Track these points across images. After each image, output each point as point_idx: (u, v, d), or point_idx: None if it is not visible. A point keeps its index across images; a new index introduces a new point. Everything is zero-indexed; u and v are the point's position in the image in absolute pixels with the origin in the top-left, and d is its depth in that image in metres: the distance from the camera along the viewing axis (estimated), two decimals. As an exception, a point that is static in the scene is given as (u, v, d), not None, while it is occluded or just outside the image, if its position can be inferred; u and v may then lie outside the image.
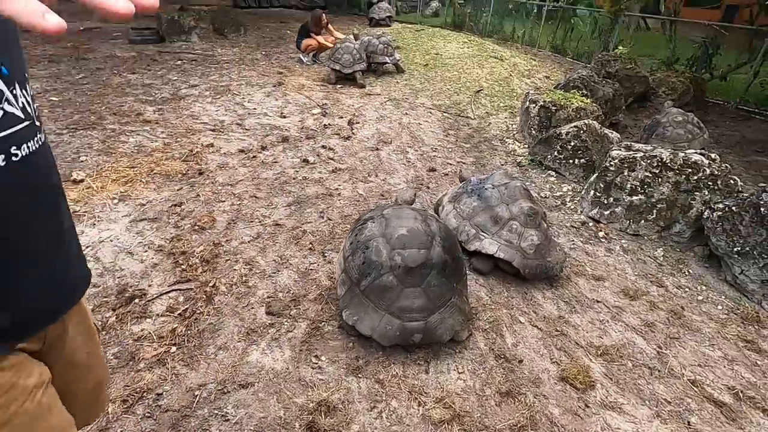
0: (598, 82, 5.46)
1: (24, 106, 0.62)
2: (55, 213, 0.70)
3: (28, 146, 0.61)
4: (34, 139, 0.63)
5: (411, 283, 1.89)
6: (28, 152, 0.61)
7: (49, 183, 0.69)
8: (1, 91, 0.57)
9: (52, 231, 0.69)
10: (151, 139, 3.76)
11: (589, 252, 2.90)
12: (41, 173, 0.66)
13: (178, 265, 2.34)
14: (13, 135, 0.59)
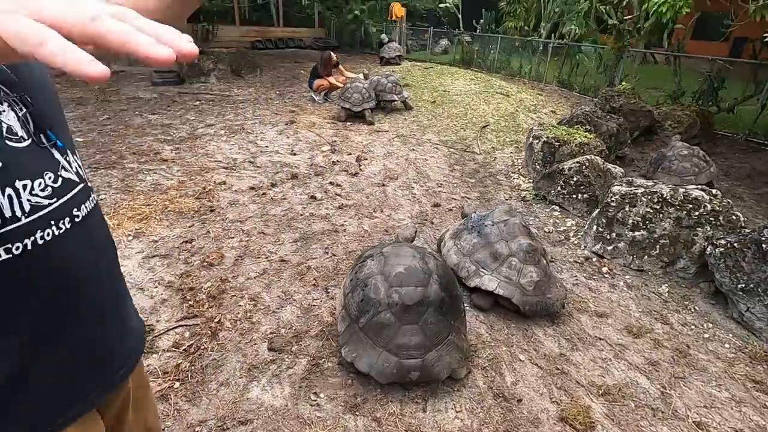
0: (602, 117, 5.56)
1: (77, 170, 0.67)
2: (112, 267, 0.74)
3: (85, 206, 0.66)
4: (89, 199, 0.68)
5: (408, 321, 1.93)
6: (86, 212, 0.66)
7: (105, 239, 0.73)
8: (58, 160, 0.62)
9: (111, 285, 0.73)
10: (167, 177, 3.95)
11: (592, 288, 2.90)
12: (99, 231, 0.71)
13: (185, 301, 2.42)
14: (72, 198, 0.63)
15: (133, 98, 6.66)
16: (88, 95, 6.56)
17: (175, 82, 7.91)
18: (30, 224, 0.56)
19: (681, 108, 6.88)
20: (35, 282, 0.58)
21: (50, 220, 0.59)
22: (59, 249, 0.60)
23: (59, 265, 0.60)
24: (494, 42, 12.95)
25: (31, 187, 0.56)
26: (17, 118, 0.57)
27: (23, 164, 0.56)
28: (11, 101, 0.56)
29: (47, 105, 0.63)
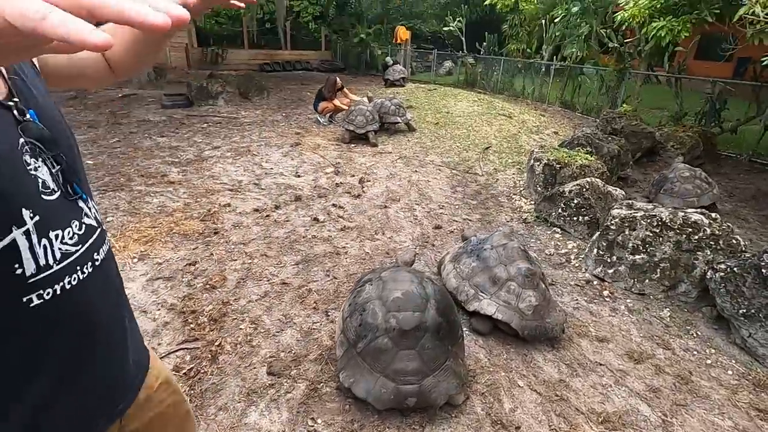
0: (603, 139, 5.61)
1: (95, 216, 0.72)
2: (121, 303, 0.79)
3: (102, 249, 0.71)
4: (105, 242, 0.73)
5: (405, 346, 1.94)
6: (103, 255, 0.71)
7: (115, 277, 0.78)
8: (82, 208, 0.68)
9: (120, 319, 0.78)
10: (173, 200, 4.03)
11: (593, 312, 2.89)
12: (112, 271, 0.76)
13: (187, 324, 2.45)
14: (92, 243, 0.68)
15: (142, 121, 6.84)
16: (99, 118, 6.75)
17: (184, 105, 8.11)
18: (60, 270, 0.61)
19: (683, 129, 6.92)
20: (61, 325, 0.62)
21: (76, 265, 0.64)
22: (82, 293, 0.65)
23: (82, 309, 0.66)
24: (497, 63, 13.18)
25: (62, 236, 0.62)
26: (50, 173, 0.62)
27: (55, 216, 0.61)
28: (45, 157, 0.61)
29: (73, 159, 0.68)
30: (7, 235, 0.54)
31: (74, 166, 0.68)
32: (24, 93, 0.63)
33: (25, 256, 0.56)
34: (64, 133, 0.68)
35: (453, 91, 10.99)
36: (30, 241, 0.56)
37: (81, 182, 0.69)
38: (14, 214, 0.55)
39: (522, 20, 14.46)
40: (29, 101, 0.63)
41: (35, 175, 0.59)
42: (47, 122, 0.64)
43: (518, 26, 14.60)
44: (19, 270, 0.56)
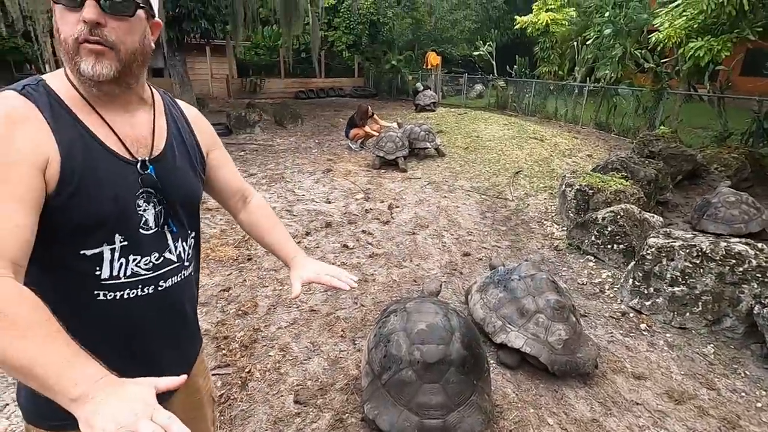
0: (639, 162, 5.45)
1: (179, 254, 0.92)
2: (175, 325, 0.97)
3: (171, 280, 0.91)
4: (178, 275, 0.93)
5: (429, 379, 1.94)
6: (170, 284, 0.91)
7: (180, 304, 0.97)
8: (168, 245, 0.90)
9: (170, 338, 0.96)
10: (210, 226, 4.23)
11: (629, 346, 2.77)
12: (178, 300, 0.96)
13: (219, 350, 2.55)
14: (162, 273, 0.89)
15: (185, 150, 7.25)
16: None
17: (224, 134, 8.54)
18: (124, 283, 0.84)
19: (728, 150, 6.62)
20: (115, 321, 0.85)
21: (139, 284, 0.85)
22: (136, 305, 0.86)
23: (133, 315, 0.86)
24: (529, 86, 13.13)
25: (138, 261, 0.85)
26: (153, 213, 0.86)
27: (142, 245, 0.85)
28: (154, 203, 0.86)
29: (180, 207, 0.92)
30: (98, 247, 0.79)
31: (177, 212, 0.91)
32: (166, 159, 0.90)
33: (105, 264, 0.81)
34: (182, 190, 0.92)
35: (483, 115, 11.01)
36: (112, 256, 0.81)
37: (181, 226, 0.92)
38: (109, 236, 0.80)
39: (553, 43, 14.40)
40: (167, 164, 0.89)
41: (142, 215, 0.84)
42: (166, 179, 0.87)
43: (550, 49, 14.54)
44: (98, 272, 0.81)
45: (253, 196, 1.21)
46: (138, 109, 0.88)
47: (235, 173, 1.15)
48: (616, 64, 9.72)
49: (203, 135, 1.04)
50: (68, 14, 0.74)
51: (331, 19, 16.84)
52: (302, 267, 1.14)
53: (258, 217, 1.18)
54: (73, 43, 0.74)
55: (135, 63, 0.81)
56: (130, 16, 0.78)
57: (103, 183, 0.78)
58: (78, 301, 0.81)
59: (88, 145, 0.78)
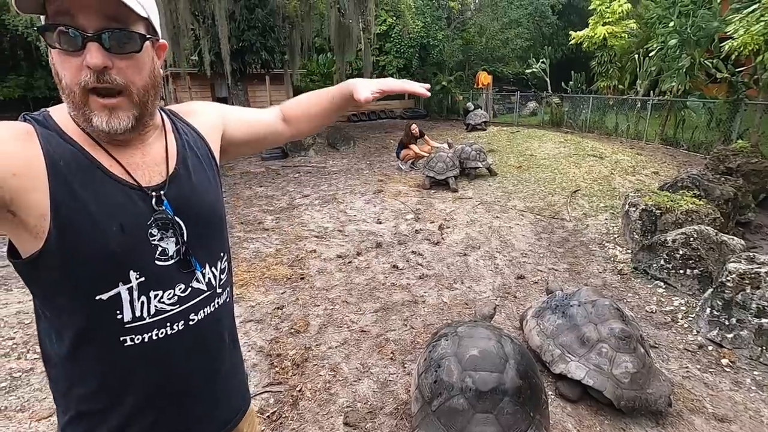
0: (714, 180, 5.01)
1: (209, 281, 0.83)
2: (214, 360, 0.87)
3: (204, 311, 0.82)
4: (211, 305, 0.83)
5: (482, 409, 1.85)
6: (203, 316, 0.81)
7: (216, 336, 0.86)
8: (194, 274, 0.80)
9: (209, 374, 0.86)
10: (266, 246, 4.40)
11: (708, 383, 2.49)
12: (212, 331, 0.85)
13: (273, 367, 2.61)
14: (192, 305, 0.79)
15: (245, 173, 7.68)
16: (211, 171, 7.72)
17: (280, 157, 8.97)
18: (150, 324, 0.74)
19: (820, 165, 5.91)
20: (145, 365, 0.76)
21: (167, 322, 0.76)
22: (166, 345, 0.77)
23: (163, 357, 0.78)
24: (585, 102, 12.65)
25: (161, 296, 0.75)
26: (174, 241, 0.77)
27: (161, 278, 0.75)
28: (171, 227, 0.77)
29: (204, 234, 0.83)
30: (113, 288, 0.70)
31: (202, 235, 0.82)
32: (181, 179, 0.81)
33: (125, 306, 0.72)
34: (203, 206, 0.84)
35: (537, 133, 10.71)
36: (131, 296, 0.72)
37: (208, 249, 0.83)
38: (123, 273, 0.71)
39: (612, 56, 13.83)
40: (183, 185, 0.81)
41: (156, 245, 0.75)
42: (184, 207, 0.79)
43: (608, 62, 13.96)
44: (120, 315, 0.72)
45: (286, 110, 1.09)
46: (150, 138, 0.80)
47: (256, 115, 1.06)
48: (683, 76, 9.11)
49: (211, 123, 0.95)
50: (69, 59, 0.66)
51: (382, 44, 17.34)
52: (366, 81, 1.00)
53: (301, 112, 1.08)
54: (81, 92, 0.66)
55: (149, 99, 0.74)
56: (138, 52, 0.70)
57: (106, 209, 0.70)
58: (105, 348, 0.73)
59: (86, 171, 0.70)
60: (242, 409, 0.98)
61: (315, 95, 1.08)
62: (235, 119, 1.00)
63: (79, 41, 0.64)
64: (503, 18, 18.62)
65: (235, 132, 0.98)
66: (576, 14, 21.28)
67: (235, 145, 1.00)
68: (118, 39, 0.67)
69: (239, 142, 1.00)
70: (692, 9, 8.89)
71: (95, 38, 0.65)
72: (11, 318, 3.08)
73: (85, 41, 0.64)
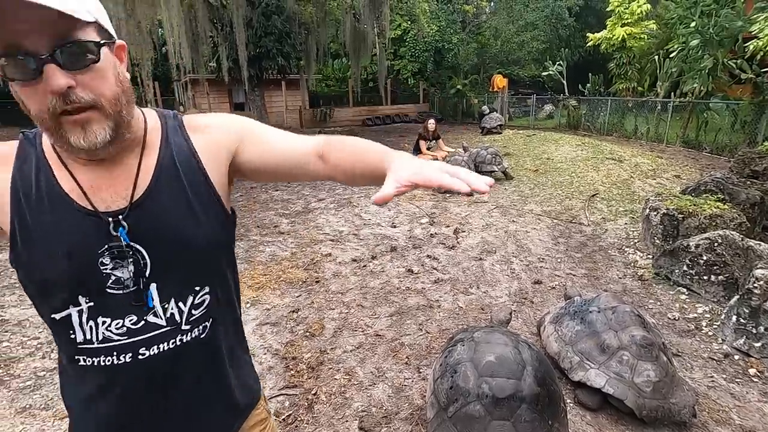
0: (739, 183, 4.87)
1: (171, 316, 0.76)
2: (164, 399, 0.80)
3: (158, 347, 0.76)
4: (169, 341, 0.77)
5: (499, 416, 1.82)
6: (155, 353, 0.75)
7: (171, 375, 0.79)
8: (152, 308, 0.75)
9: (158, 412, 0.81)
10: (282, 249, 4.44)
11: (735, 394, 2.41)
12: (165, 367, 0.78)
13: (288, 370, 2.62)
14: (143, 340, 0.74)
15: (261, 176, 7.76)
16: (228, 175, 7.83)
17: (296, 161, 9.03)
18: (99, 349, 0.74)
19: None
20: (95, 388, 0.78)
21: (113, 351, 0.74)
22: (115, 374, 0.75)
23: (115, 386, 0.76)
24: (604, 104, 12.46)
25: (108, 324, 0.73)
26: (130, 271, 0.72)
27: (110, 307, 0.72)
28: (129, 256, 0.72)
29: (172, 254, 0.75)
30: (65, 310, 0.72)
31: (167, 272, 0.75)
32: (151, 202, 0.74)
33: (76, 327, 0.73)
34: (171, 245, 0.75)
35: (554, 136, 10.58)
36: (80, 318, 0.72)
37: (175, 282, 0.76)
38: (72, 297, 0.71)
39: (631, 58, 13.60)
40: (151, 211, 0.74)
41: (109, 273, 0.71)
42: (148, 235, 0.73)
43: (627, 64, 13.74)
44: (73, 335, 0.73)
45: (328, 146, 0.86)
46: (122, 154, 0.75)
47: (289, 143, 0.87)
48: (705, 77, 8.90)
49: (220, 143, 0.83)
50: (30, 88, 0.63)
51: (397, 48, 17.40)
52: (402, 167, 0.69)
53: (338, 160, 0.84)
54: (51, 117, 0.63)
55: (122, 107, 0.69)
56: (97, 62, 0.65)
57: (54, 236, 0.69)
58: (68, 363, 0.78)
59: (43, 193, 0.70)
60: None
61: (361, 150, 0.83)
62: (257, 143, 0.86)
63: (32, 66, 0.60)
64: (519, 21, 18.51)
65: (251, 157, 0.85)
66: (593, 16, 21.03)
67: (252, 171, 0.87)
68: (73, 53, 0.62)
69: (256, 169, 0.86)
70: (715, 8, 8.70)
71: (48, 59, 0.61)
72: (35, 318, 3.17)
73: (41, 64, 0.60)
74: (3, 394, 2.37)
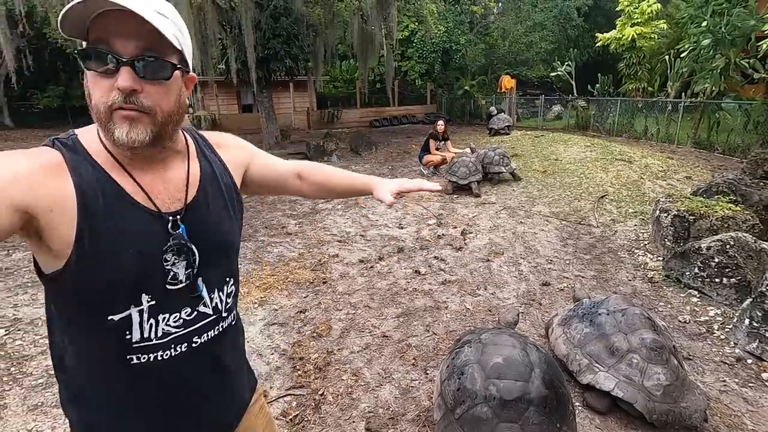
0: (752, 185, 4.79)
1: (216, 305, 0.86)
2: (216, 383, 0.91)
3: (207, 335, 0.85)
4: (214, 329, 0.86)
5: (507, 418, 1.81)
6: (206, 339, 0.85)
7: (216, 359, 0.89)
8: (202, 298, 0.83)
9: (214, 393, 0.91)
10: (289, 250, 4.46)
11: (748, 398, 2.37)
12: (216, 354, 0.88)
13: (295, 370, 2.63)
14: (195, 329, 0.83)
15: (269, 178, 7.81)
16: (236, 176, 7.89)
17: (303, 162, 9.07)
18: (157, 345, 0.78)
19: None
20: (151, 382, 0.80)
21: (171, 343, 0.80)
22: (170, 365, 0.80)
23: (167, 376, 0.81)
24: (613, 104, 12.35)
25: (168, 318, 0.79)
26: (184, 266, 0.80)
27: (170, 302, 0.79)
28: (184, 253, 0.80)
29: (214, 251, 0.86)
30: (126, 310, 0.75)
31: (212, 261, 0.85)
32: (200, 206, 0.85)
33: (135, 327, 0.76)
34: (217, 236, 0.87)
35: (562, 137, 10.51)
36: (141, 318, 0.76)
37: (217, 275, 0.87)
38: (135, 297, 0.75)
39: (641, 58, 13.47)
40: (200, 212, 0.84)
41: (169, 269, 0.78)
42: (199, 233, 0.82)
43: (637, 64, 13.61)
44: (129, 336, 0.76)
45: (305, 167, 1.15)
46: (171, 163, 0.84)
47: (277, 162, 1.12)
48: (717, 77, 8.79)
49: (239, 159, 1.00)
50: (102, 81, 0.70)
51: (404, 49, 17.40)
52: (387, 183, 1.11)
53: (319, 179, 1.14)
54: (106, 110, 0.70)
55: (171, 124, 0.78)
56: (167, 79, 0.74)
57: (126, 237, 0.74)
58: (112, 365, 0.78)
59: (110, 198, 0.73)
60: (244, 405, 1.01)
61: (341, 172, 1.17)
62: (261, 163, 1.06)
63: (114, 65, 0.69)
64: (527, 21, 18.43)
65: (256, 173, 1.04)
66: (602, 16, 20.87)
67: (253, 186, 1.05)
68: (151, 67, 0.71)
69: (257, 183, 1.05)
70: (727, 7, 8.58)
71: (129, 64, 0.69)
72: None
73: (120, 66, 0.69)
74: (16, 392, 2.41)
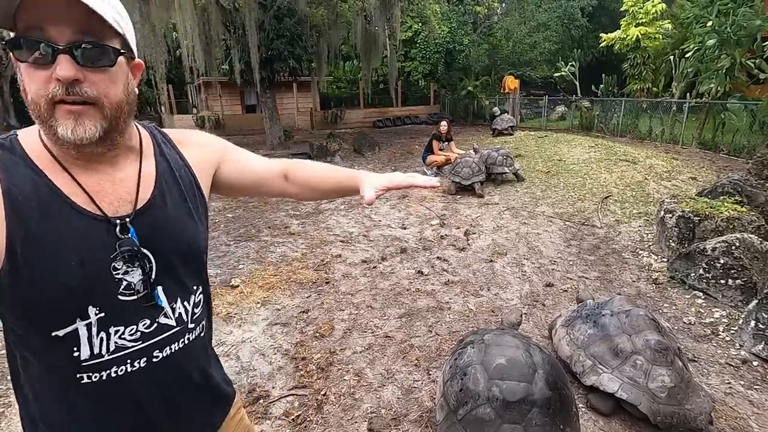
0: (758, 185, 4.76)
1: (180, 315, 0.78)
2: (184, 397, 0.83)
3: (171, 347, 0.77)
4: (179, 341, 0.78)
5: (510, 419, 1.80)
6: (169, 353, 0.77)
7: (186, 374, 0.82)
8: (162, 309, 0.75)
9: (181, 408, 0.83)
10: (292, 250, 4.46)
11: (754, 401, 2.35)
12: (180, 366, 0.80)
13: (298, 370, 2.63)
14: (156, 342, 0.75)
15: (273, 178, 7.82)
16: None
17: (306, 162, 9.08)
18: (109, 361, 0.71)
19: None
20: (106, 402, 0.73)
21: (127, 359, 0.72)
22: (130, 382, 0.73)
23: (127, 394, 0.74)
24: (617, 105, 12.29)
25: (122, 332, 0.71)
26: (139, 275, 0.72)
27: (123, 314, 0.71)
28: (138, 260, 0.72)
29: (176, 257, 0.78)
30: (71, 324, 0.67)
31: (174, 268, 0.78)
32: (155, 207, 0.76)
33: (83, 342, 0.68)
34: (177, 241, 0.78)
35: (566, 137, 10.47)
36: (90, 332, 0.68)
37: (180, 283, 0.79)
38: (81, 309, 0.67)
39: (645, 58, 13.41)
40: (155, 215, 0.76)
41: (121, 278, 0.70)
42: (154, 238, 0.74)
43: (641, 65, 13.54)
44: (77, 353, 0.68)
45: (292, 167, 1.03)
46: (123, 161, 0.76)
47: (257, 162, 1.00)
48: (722, 77, 8.73)
49: (205, 157, 0.90)
50: (37, 72, 0.62)
51: (408, 50, 17.40)
52: (373, 177, 0.97)
53: (302, 178, 1.02)
54: (47, 104, 0.63)
55: (122, 116, 0.70)
56: (111, 66, 0.67)
57: (65, 244, 0.66)
58: (64, 385, 0.70)
59: (46, 203, 0.66)
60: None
61: (326, 169, 1.06)
62: (234, 161, 0.95)
63: (49, 54, 0.61)
64: (531, 21, 18.38)
65: (229, 173, 0.94)
66: (606, 16, 20.79)
67: (228, 187, 0.96)
68: (91, 53, 0.64)
69: (231, 184, 0.95)
70: (732, 7, 8.53)
71: (66, 51, 0.62)
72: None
73: (56, 54, 0.61)
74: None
